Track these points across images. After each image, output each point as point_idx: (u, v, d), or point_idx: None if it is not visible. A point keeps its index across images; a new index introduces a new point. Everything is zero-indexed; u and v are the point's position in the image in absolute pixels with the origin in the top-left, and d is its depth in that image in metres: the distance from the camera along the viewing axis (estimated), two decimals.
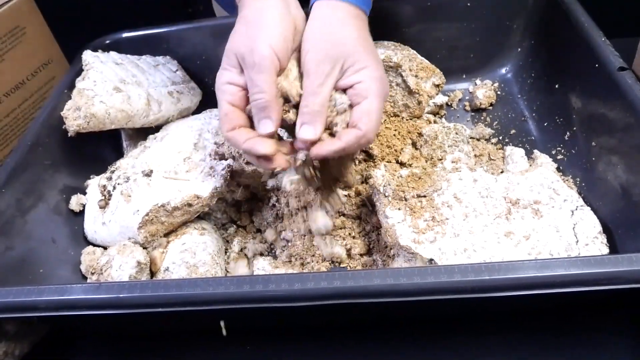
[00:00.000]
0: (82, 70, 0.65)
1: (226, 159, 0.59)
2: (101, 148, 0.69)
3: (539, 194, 0.49)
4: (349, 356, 0.49)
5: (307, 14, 0.50)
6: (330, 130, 0.48)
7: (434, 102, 0.68)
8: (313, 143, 0.46)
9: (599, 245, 0.45)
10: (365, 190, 0.59)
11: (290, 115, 0.47)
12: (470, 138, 0.65)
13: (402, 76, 0.62)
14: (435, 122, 0.66)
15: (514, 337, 0.47)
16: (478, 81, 0.74)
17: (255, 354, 0.50)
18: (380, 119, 0.48)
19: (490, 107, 0.71)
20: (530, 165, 0.59)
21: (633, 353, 0.45)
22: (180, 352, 0.51)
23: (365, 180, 0.61)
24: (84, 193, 0.63)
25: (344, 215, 0.58)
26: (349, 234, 0.57)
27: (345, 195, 0.59)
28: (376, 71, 0.47)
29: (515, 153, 0.60)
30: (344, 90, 0.47)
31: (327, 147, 0.46)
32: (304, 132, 0.46)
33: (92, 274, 0.55)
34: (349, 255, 0.55)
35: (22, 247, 0.54)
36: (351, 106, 0.47)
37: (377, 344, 0.48)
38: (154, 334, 0.53)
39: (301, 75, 0.48)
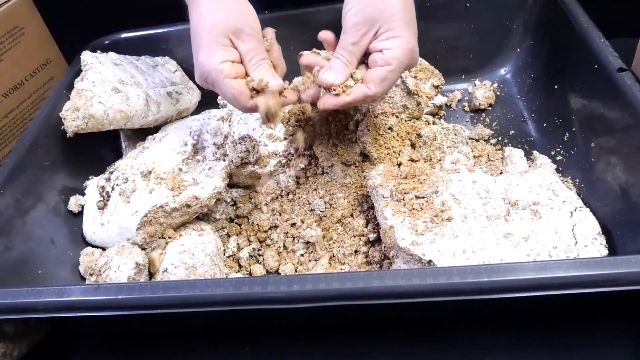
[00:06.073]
0: (81, 70, 0.65)
1: (225, 160, 0.59)
2: (100, 149, 0.69)
3: (538, 195, 0.49)
4: (348, 357, 0.49)
5: None
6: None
7: (433, 103, 0.68)
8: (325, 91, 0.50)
9: (598, 247, 0.45)
10: (364, 191, 0.59)
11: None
12: (470, 139, 0.65)
13: (401, 77, 0.62)
14: (434, 123, 0.66)
15: (513, 339, 0.47)
16: (477, 82, 0.74)
17: (254, 354, 0.50)
18: (392, 86, 0.51)
19: (490, 108, 0.71)
20: (530, 166, 0.59)
21: (633, 354, 0.45)
22: (179, 352, 0.51)
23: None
24: (83, 194, 0.63)
25: (343, 217, 0.58)
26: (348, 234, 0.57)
27: (342, 198, 0.58)
28: (408, 43, 0.49)
29: (515, 154, 0.60)
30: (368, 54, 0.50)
31: (335, 99, 0.49)
32: (327, 75, 0.49)
33: (91, 274, 0.55)
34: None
35: (21, 248, 0.54)
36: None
37: (376, 345, 0.48)
38: (153, 334, 0.53)
39: None
